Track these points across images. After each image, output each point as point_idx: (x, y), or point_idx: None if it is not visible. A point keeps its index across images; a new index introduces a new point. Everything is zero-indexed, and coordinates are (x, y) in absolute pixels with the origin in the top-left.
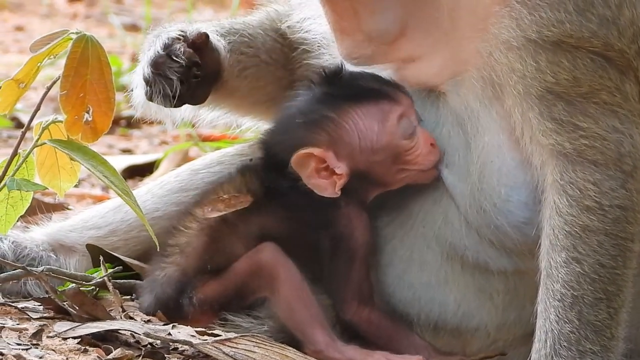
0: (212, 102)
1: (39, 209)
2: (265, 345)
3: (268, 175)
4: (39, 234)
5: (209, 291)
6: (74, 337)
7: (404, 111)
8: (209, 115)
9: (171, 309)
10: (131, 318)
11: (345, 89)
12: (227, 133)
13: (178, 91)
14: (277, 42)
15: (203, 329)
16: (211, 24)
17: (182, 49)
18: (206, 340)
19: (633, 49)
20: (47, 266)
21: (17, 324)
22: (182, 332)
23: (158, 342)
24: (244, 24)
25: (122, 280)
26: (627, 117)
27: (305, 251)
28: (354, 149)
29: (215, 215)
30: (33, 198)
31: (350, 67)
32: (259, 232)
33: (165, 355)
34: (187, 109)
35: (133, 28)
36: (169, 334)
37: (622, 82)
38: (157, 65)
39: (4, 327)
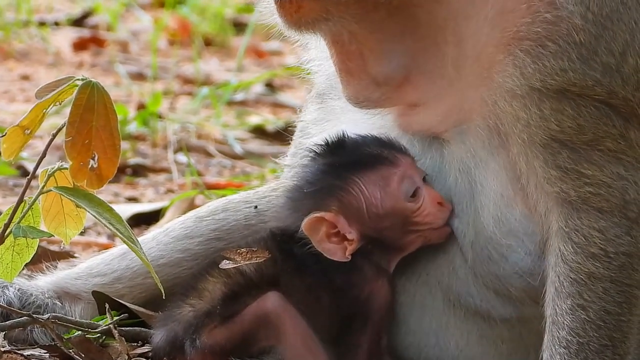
0: None
1: (44, 257)
2: None
3: (284, 245)
4: (44, 282)
5: (215, 336)
6: None
7: (404, 173)
8: None
9: (176, 348)
10: None
11: (347, 158)
12: (233, 181)
13: None
14: None
15: None
16: None
17: None
18: None
19: (637, 97)
20: (53, 314)
21: None
22: None
23: None
24: None
25: (128, 328)
26: (632, 164)
27: (320, 312)
28: (362, 215)
29: (230, 267)
30: (39, 246)
31: (351, 134)
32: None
33: None
34: None
35: (139, 77)
36: None
37: (627, 129)
38: None
39: None
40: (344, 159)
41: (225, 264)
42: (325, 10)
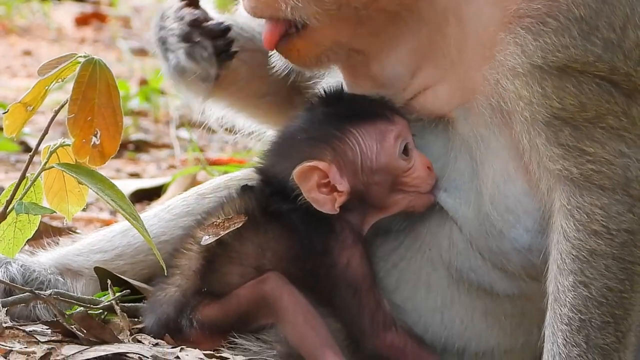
0: (216, 89)
1: (46, 233)
2: None
3: (266, 196)
4: (46, 258)
5: (209, 313)
6: None
7: (400, 132)
8: (212, 111)
9: (171, 330)
10: (139, 341)
11: (345, 109)
12: (235, 157)
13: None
14: None
15: (211, 352)
16: None
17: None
18: None
19: (639, 72)
20: (55, 290)
21: (25, 347)
22: (190, 355)
23: None
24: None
25: (130, 304)
26: (634, 142)
27: (304, 277)
28: (356, 167)
29: (211, 241)
30: (41, 222)
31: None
32: (256, 257)
33: None
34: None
35: (141, 52)
36: (177, 357)
37: (629, 106)
38: (195, 22)
39: (12, 350)
40: (342, 110)
41: (206, 240)
42: (317, 42)
